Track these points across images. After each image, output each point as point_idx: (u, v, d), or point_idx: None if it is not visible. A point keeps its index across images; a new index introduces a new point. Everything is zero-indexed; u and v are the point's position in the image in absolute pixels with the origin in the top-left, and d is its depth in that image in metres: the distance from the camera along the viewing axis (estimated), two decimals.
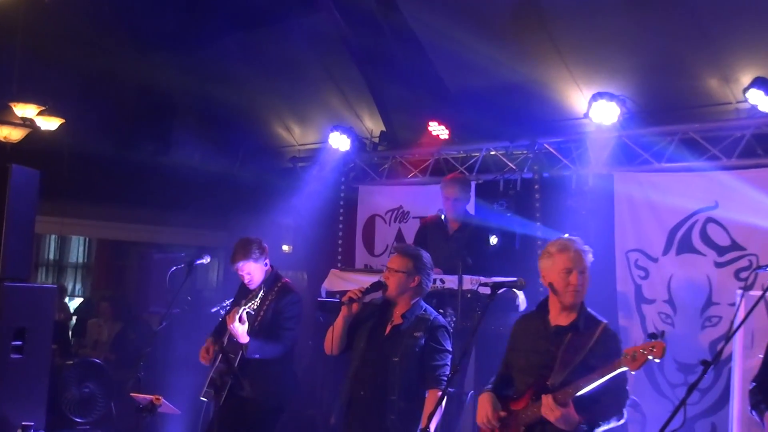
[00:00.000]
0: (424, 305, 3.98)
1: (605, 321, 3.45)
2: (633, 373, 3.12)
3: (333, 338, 3.99)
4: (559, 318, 3.45)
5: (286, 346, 4.71)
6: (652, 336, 3.08)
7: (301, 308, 4.82)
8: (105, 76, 8.83)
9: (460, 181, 6.17)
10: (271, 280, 4.84)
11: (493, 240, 6.80)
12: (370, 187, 8.19)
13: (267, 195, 8.71)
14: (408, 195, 7.80)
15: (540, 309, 3.55)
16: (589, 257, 3.45)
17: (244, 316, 4.48)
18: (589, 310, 3.46)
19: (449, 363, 3.84)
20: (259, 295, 4.57)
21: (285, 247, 9.49)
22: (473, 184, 7.14)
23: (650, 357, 3.03)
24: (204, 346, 4.81)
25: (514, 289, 4.88)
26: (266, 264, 4.84)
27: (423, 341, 3.80)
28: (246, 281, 4.81)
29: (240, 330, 4.46)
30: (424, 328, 3.84)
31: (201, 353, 4.79)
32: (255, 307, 4.55)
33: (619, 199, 6.14)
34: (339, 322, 3.96)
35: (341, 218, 8.27)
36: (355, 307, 3.92)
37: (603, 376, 3.13)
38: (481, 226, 6.30)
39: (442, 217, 6.01)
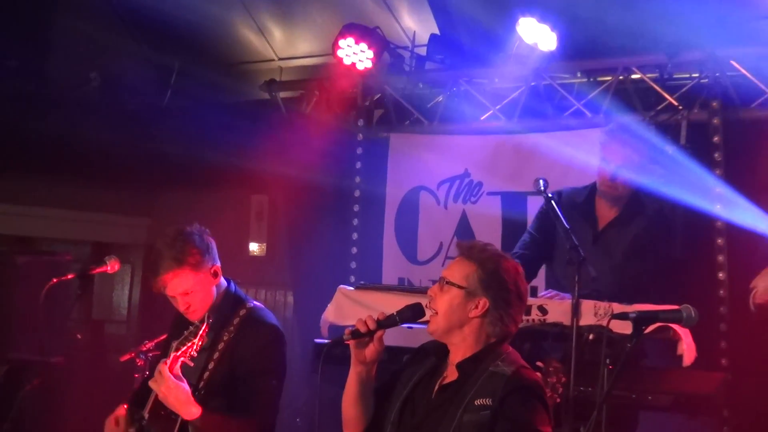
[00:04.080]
0: (504, 352, 3.99)
1: None
2: None
3: (345, 407, 4.11)
4: None
5: (261, 425, 4.76)
6: None
7: (282, 354, 4.89)
8: None
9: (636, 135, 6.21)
10: (228, 305, 4.94)
11: None
12: (412, 136, 8.29)
13: (222, 150, 8.79)
14: (481, 152, 7.90)
15: None
16: None
17: (179, 369, 4.53)
18: None
19: None
20: (200, 332, 4.60)
21: (254, 247, 9.69)
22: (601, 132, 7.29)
23: None
24: (112, 415, 4.83)
25: (674, 327, 5.14)
26: (215, 274, 4.91)
27: (491, 415, 3.78)
28: (183, 309, 4.88)
29: (179, 396, 4.49)
30: (496, 392, 3.81)
31: (108, 425, 4.82)
32: (195, 352, 4.59)
33: None
34: (351, 379, 4.07)
35: (357, 193, 8.41)
36: (373, 350, 3.97)
37: None
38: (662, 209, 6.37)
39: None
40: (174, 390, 4.46)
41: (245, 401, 4.70)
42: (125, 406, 4.85)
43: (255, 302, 5.02)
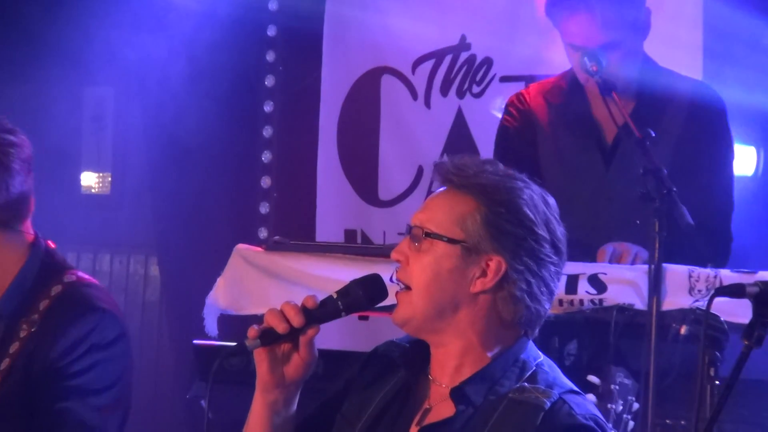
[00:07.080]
0: (533, 361, 4.01)
1: None
2: None
3: None
4: None
5: None
6: None
7: (122, 361, 5.15)
8: None
9: None
10: (31, 278, 5.20)
11: (749, 157, 7.78)
12: None
13: (35, 12, 9.25)
14: (489, 8, 8.11)
15: None
16: None
17: None
18: None
19: None
20: None
21: (89, 179, 10.08)
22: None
23: None
24: None
25: None
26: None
27: None
28: None
29: None
30: None
31: None
32: None
33: None
34: (257, 414, 4.11)
35: (271, 82, 8.75)
36: (298, 362, 3.98)
37: None
38: (716, 108, 6.57)
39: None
40: None
41: None
42: None
43: (81, 273, 5.19)
